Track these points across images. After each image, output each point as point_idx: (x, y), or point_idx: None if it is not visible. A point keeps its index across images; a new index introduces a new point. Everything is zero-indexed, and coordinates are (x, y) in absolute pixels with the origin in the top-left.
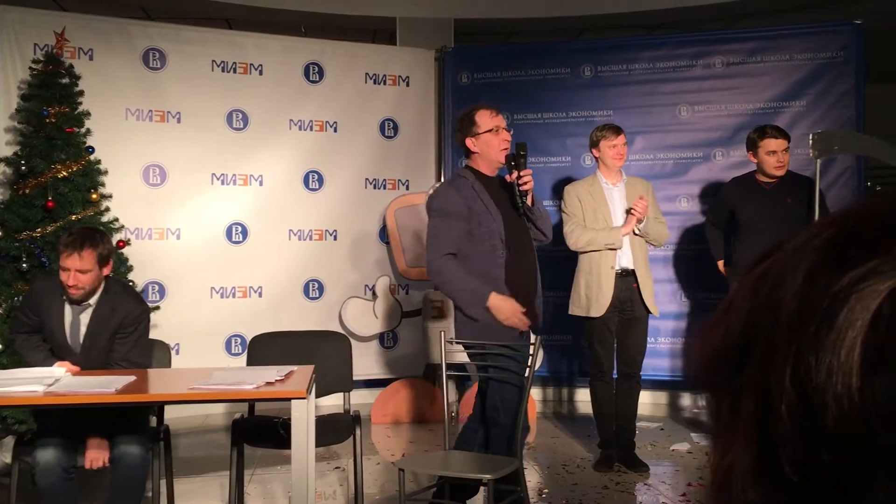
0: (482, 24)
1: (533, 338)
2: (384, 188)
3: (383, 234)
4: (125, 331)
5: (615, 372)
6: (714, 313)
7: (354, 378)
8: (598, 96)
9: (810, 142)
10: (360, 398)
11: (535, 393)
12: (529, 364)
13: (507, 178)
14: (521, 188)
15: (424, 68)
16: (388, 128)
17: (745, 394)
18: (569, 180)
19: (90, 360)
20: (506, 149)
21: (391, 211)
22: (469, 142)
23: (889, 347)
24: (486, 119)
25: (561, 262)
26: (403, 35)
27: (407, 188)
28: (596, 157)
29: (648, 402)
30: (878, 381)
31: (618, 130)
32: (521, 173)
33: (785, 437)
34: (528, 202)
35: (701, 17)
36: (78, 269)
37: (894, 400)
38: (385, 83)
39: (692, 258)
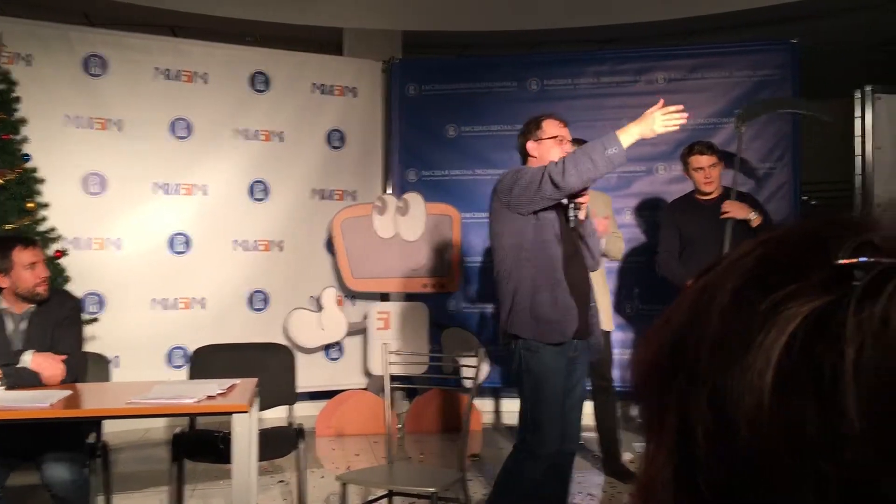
0: (430, 37)
1: (480, 355)
2: (331, 199)
3: (330, 245)
4: (66, 321)
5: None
6: (655, 323)
7: (299, 390)
8: (545, 109)
9: (734, 119)
10: (305, 410)
11: (487, 404)
12: (473, 376)
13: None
14: (576, 200)
15: (372, 79)
16: (336, 138)
17: (670, 409)
18: None
19: None
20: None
21: (338, 222)
22: (530, 145)
23: (800, 371)
24: (552, 127)
25: None
26: (351, 46)
27: (354, 199)
28: None
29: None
30: (787, 405)
31: (582, 142)
32: None
33: (700, 455)
34: (582, 216)
35: (647, 33)
36: (42, 259)
37: (802, 424)
38: (332, 93)
39: (635, 270)
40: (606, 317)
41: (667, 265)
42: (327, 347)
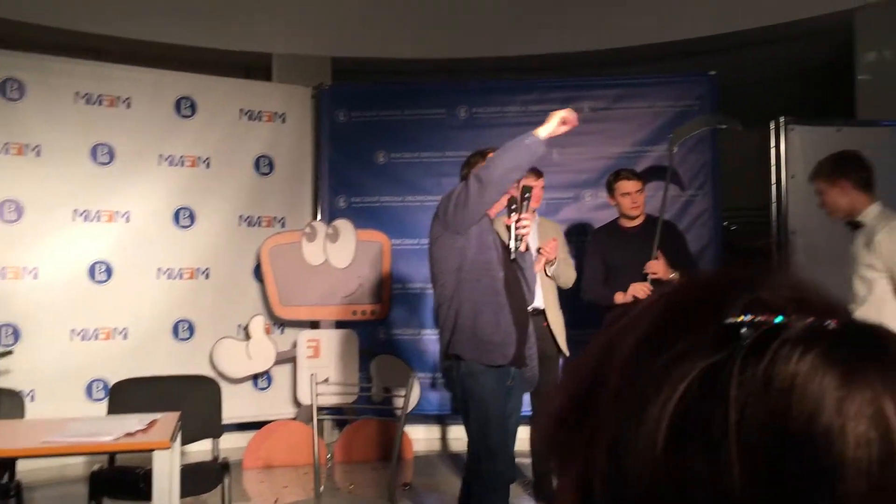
0: (360, 63)
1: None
2: (259, 225)
3: (258, 272)
4: None
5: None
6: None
7: (226, 421)
8: (474, 137)
9: (669, 142)
10: (232, 442)
11: (434, 430)
12: (403, 404)
13: (506, 220)
14: (517, 232)
15: (301, 105)
16: (264, 164)
17: (576, 455)
18: None
19: None
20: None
21: (266, 249)
22: None
23: (690, 429)
24: None
25: None
26: (279, 71)
27: (283, 226)
28: None
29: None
30: (678, 461)
31: (538, 174)
32: (521, 217)
33: (599, 502)
34: (522, 247)
35: (569, 62)
36: None
37: (691, 479)
38: (260, 119)
39: (565, 293)
40: (562, 340)
41: (592, 289)
42: (255, 377)
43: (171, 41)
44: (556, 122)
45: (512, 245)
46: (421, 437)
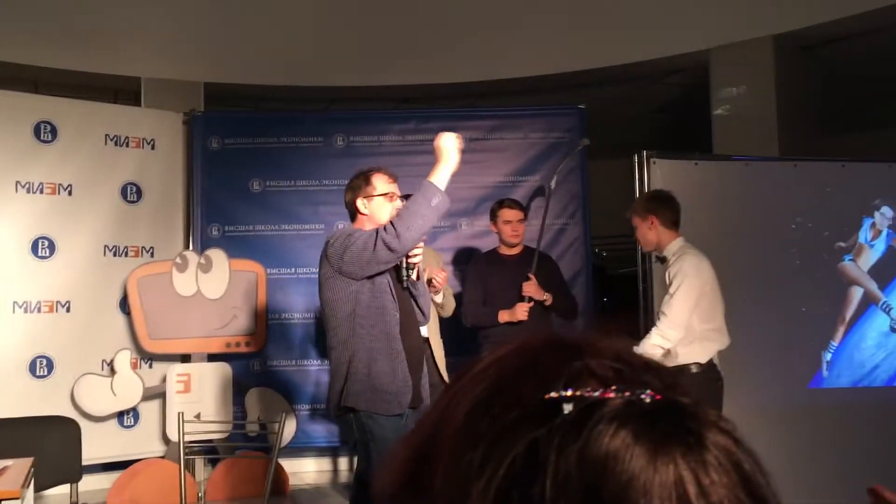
0: (233, 89)
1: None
2: (126, 255)
3: (124, 304)
4: None
5: None
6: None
7: (89, 462)
8: (351, 165)
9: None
10: (96, 483)
11: (324, 463)
12: (274, 442)
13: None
14: (408, 260)
15: (172, 131)
16: (131, 192)
17: None
18: (322, 248)
19: None
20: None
21: (133, 280)
22: (360, 203)
23: (517, 496)
24: (382, 183)
25: None
26: (149, 96)
27: (152, 256)
28: None
29: None
30: None
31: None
32: None
33: None
34: (414, 276)
35: (445, 93)
36: None
37: None
38: (128, 145)
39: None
40: (443, 367)
41: (473, 313)
42: (121, 414)
43: (32, 63)
44: (448, 158)
45: (404, 274)
46: (309, 470)
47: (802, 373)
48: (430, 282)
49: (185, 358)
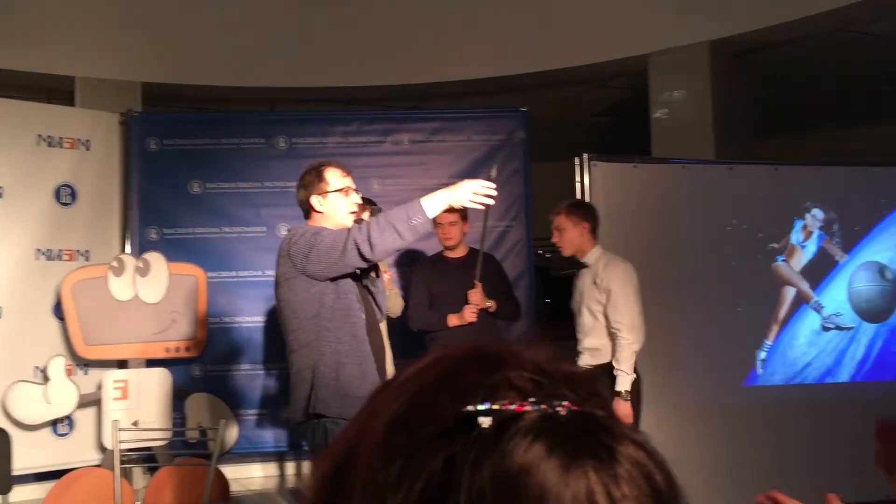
0: (172, 89)
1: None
2: (59, 259)
3: (58, 309)
4: None
5: None
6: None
7: (22, 472)
8: (294, 167)
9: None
10: (29, 494)
11: (255, 469)
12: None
13: None
14: None
15: (108, 132)
16: (65, 194)
17: None
18: (266, 249)
19: None
20: (354, 212)
21: (68, 284)
22: (315, 200)
23: None
24: (336, 177)
25: None
26: (84, 96)
27: (87, 259)
28: None
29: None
30: None
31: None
32: None
33: None
34: (374, 274)
35: (389, 95)
36: None
37: None
38: (61, 146)
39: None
40: (391, 369)
41: (419, 317)
42: (55, 422)
43: None
44: (457, 196)
45: (366, 276)
46: (255, 476)
47: (738, 371)
48: None
49: (123, 364)
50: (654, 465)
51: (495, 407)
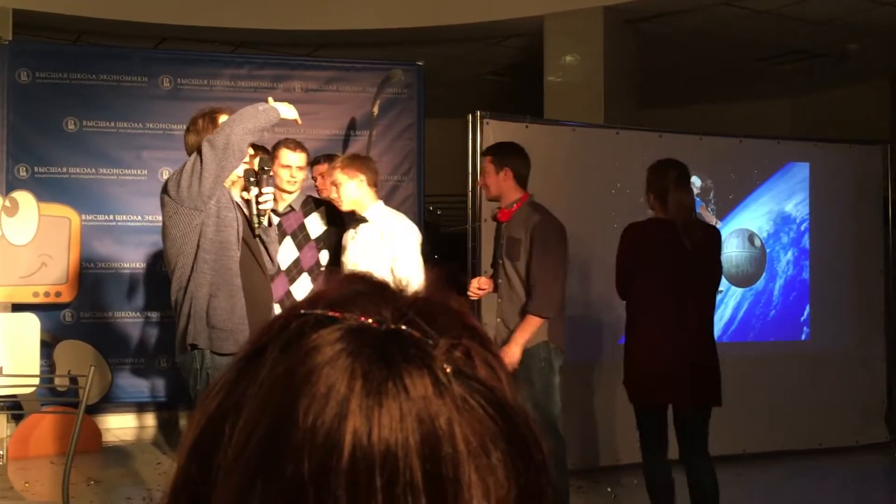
0: (46, 18)
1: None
2: None
3: None
4: None
5: None
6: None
7: None
8: (178, 109)
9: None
10: None
11: (123, 419)
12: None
13: (243, 195)
14: (259, 207)
15: None
16: None
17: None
18: (147, 194)
19: None
20: (246, 162)
21: None
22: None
23: (231, 401)
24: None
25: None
26: None
27: None
28: None
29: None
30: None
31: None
32: (262, 190)
33: None
34: (266, 222)
35: (281, 40)
36: None
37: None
38: None
39: None
40: None
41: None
42: None
43: None
44: (286, 110)
45: (255, 221)
46: (128, 427)
47: (615, 329)
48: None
49: None
50: (441, 406)
51: (318, 312)
